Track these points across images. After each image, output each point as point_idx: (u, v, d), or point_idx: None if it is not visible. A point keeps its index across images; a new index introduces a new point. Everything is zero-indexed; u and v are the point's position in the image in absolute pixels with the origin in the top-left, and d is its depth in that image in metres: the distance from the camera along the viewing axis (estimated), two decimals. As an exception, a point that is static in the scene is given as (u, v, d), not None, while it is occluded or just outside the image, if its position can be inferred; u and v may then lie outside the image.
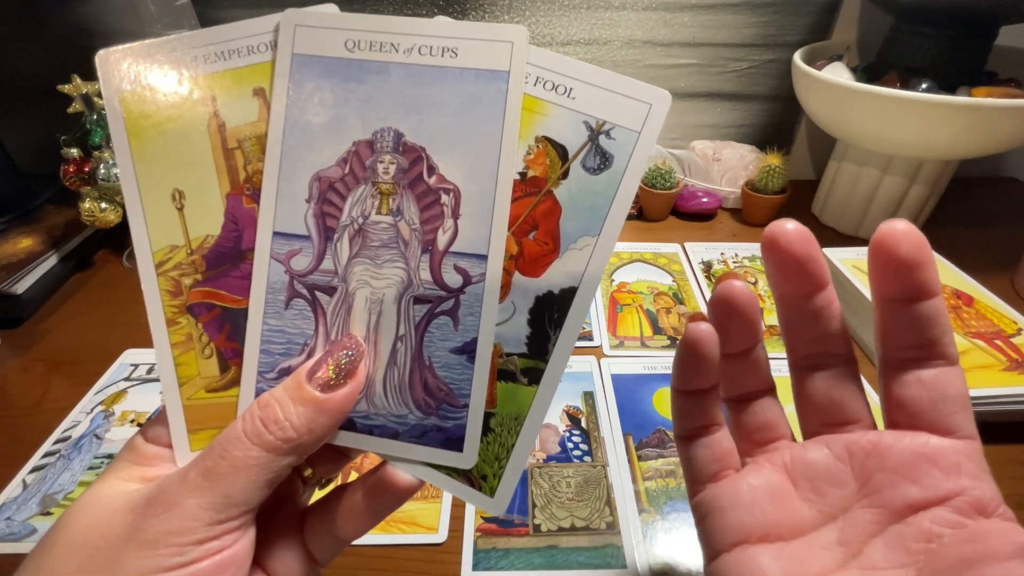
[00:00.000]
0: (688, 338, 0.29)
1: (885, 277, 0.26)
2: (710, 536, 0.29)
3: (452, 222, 0.30)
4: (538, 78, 0.29)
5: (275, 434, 0.27)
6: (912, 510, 0.26)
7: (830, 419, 0.29)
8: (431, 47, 0.29)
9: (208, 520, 0.26)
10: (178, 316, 0.30)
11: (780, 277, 0.28)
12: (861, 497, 0.27)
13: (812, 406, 0.30)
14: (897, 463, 0.26)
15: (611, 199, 0.29)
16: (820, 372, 0.30)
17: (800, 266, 0.27)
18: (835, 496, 0.28)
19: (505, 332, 0.30)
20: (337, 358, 0.29)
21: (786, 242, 0.27)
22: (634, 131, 0.29)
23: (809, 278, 0.28)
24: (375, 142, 0.29)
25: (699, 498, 0.31)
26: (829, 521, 0.27)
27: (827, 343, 0.29)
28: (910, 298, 0.26)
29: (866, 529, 0.26)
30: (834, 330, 0.29)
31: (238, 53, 0.29)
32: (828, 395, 0.29)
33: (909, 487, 0.26)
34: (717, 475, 0.30)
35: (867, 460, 0.27)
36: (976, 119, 0.79)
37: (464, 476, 0.31)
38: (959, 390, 0.26)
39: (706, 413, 0.31)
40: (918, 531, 0.25)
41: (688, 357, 0.29)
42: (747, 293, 0.29)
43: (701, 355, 0.28)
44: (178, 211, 0.30)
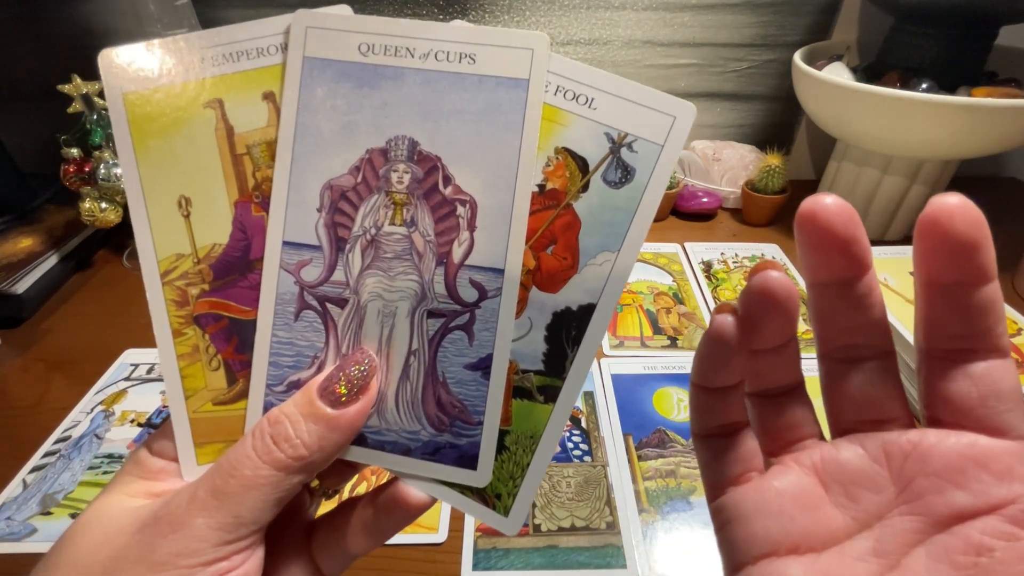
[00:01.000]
0: (714, 332, 0.25)
1: (935, 259, 0.23)
2: (733, 546, 0.27)
3: (468, 234, 0.29)
4: (558, 87, 0.28)
5: (286, 452, 0.26)
6: (958, 519, 0.23)
7: (865, 416, 0.26)
8: (448, 53, 0.28)
9: (217, 541, 0.25)
10: (184, 327, 0.30)
11: (817, 261, 0.25)
12: (900, 503, 0.24)
13: (845, 402, 0.27)
14: (942, 466, 0.24)
15: (632, 214, 0.28)
16: (856, 365, 0.26)
17: (842, 248, 0.24)
18: (870, 501, 0.25)
19: (521, 348, 0.30)
20: (349, 373, 0.28)
21: (826, 219, 0.23)
22: (657, 144, 0.28)
23: (851, 261, 0.24)
24: (389, 150, 0.29)
25: (720, 503, 0.28)
26: (863, 529, 0.25)
27: (866, 333, 0.26)
28: (964, 283, 0.23)
29: (905, 539, 0.24)
30: (875, 319, 0.25)
31: (247, 55, 0.28)
32: (864, 390, 0.26)
33: (955, 493, 0.23)
34: (740, 477, 0.28)
35: (907, 462, 0.24)
36: (976, 119, 0.79)
37: (477, 494, 0.31)
38: (1012, 385, 0.23)
39: (729, 411, 0.28)
40: (966, 543, 0.22)
41: (712, 352, 0.26)
42: (786, 284, 0.25)
43: (727, 351, 0.25)
44: (184, 218, 0.29)
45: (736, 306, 0.25)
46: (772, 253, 1.00)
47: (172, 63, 0.28)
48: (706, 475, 0.29)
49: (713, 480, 0.29)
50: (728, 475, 0.28)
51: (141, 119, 0.28)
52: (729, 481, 0.28)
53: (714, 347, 0.26)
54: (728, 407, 0.28)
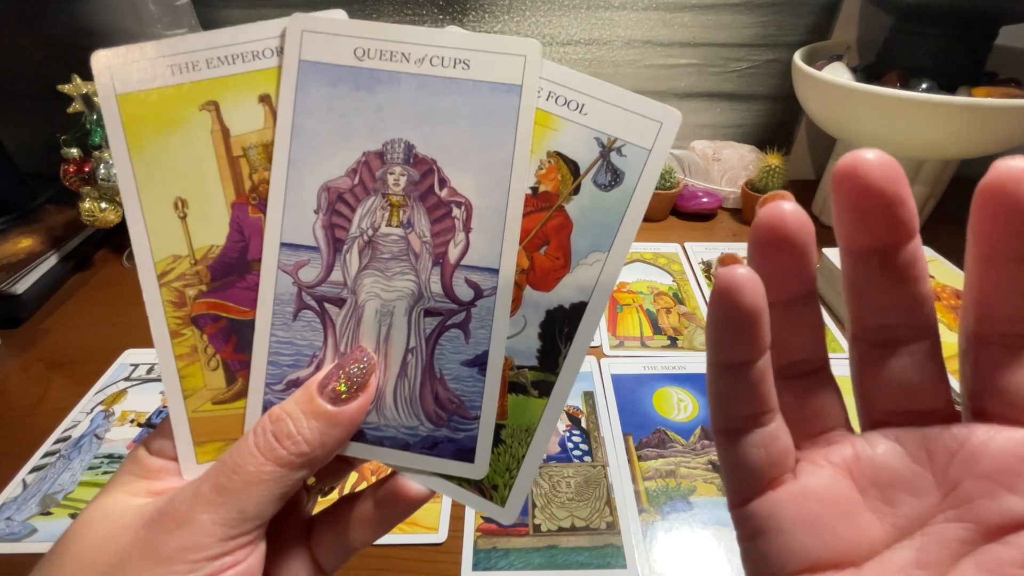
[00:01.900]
0: (724, 286, 0.21)
1: (1000, 230, 0.20)
2: (763, 560, 0.23)
3: (464, 235, 0.29)
4: (550, 93, 0.28)
5: (288, 449, 0.27)
6: (1013, 527, 0.20)
7: (902, 407, 0.23)
8: (443, 58, 0.28)
9: (222, 536, 0.26)
10: (182, 328, 0.30)
11: (856, 224, 0.21)
12: (945, 508, 0.22)
13: (880, 390, 0.24)
14: (994, 467, 0.21)
15: (621, 216, 0.29)
16: (894, 348, 0.23)
17: (885, 209, 0.20)
18: (911, 507, 0.22)
19: (516, 345, 0.30)
20: (348, 371, 0.29)
21: (867, 175, 0.20)
22: (645, 149, 0.28)
23: (895, 226, 0.21)
24: (385, 153, 0.29)
25: (749, 510, 0.24)
26: (904, 537, 0.22)
27: (907, 312, 0.22)
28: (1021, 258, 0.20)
29: (952, 548, 0.21)
30: (919, 295, 0.22)
31: (242, 58, 0.29)
32: (903, 377, 0.23)
33: (1009, 498, 0.20)
34: (772, 482, 0.24)
35: (953, 462, 0.22)
36: (976, 119, 0.79)
37: (475, 486, 0.31)
38: None
39: (756, 394, 0.23)
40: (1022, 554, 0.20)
41: (726, 312, 0.21)
42: (800, 215, 0.21)
43: (744, 307, 0.21)
44: (181, 220, 0.29)
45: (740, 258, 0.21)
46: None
47: (167, 65, 0.28)
48: (731, 478, 0.25)
49: (740, 484, 0.24)
50: (759, 479, 0.24)
51: (136, 121, 0.29)
52: (760, 486, 0.24)
53: (727, 307, 0.21)
54: (755, 389, 0.23)
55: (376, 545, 0.56)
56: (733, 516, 0.25)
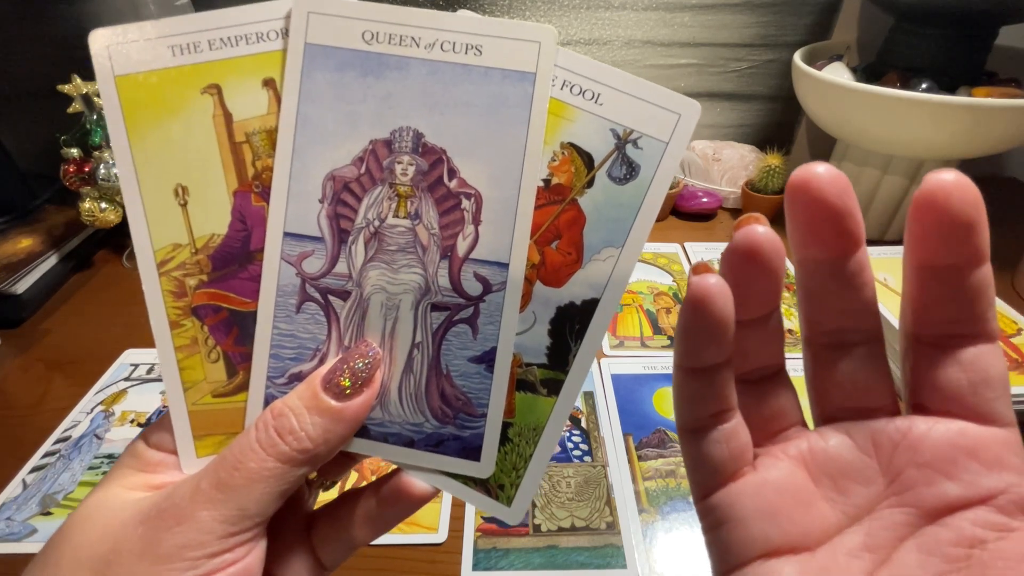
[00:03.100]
0: (695, 296, 0.22)
1: (931, 240, 0.21)
2: (726, 548, 0.25)
3: (473, 228, 0.29)
4: (565, 81, 0.28)
5: (291, 445, 0.26)
6: (949, 510, 0.22)
7: (852, 403, 0.25)
8: (454, 43, 0.27)
9: (222, 533, 0.25)
10: (182, 318, 0.29)
11: (807, 235, 0.23)
12: (889, 495, 0.23)
13: (832, 389, 0.25)
14: (932, 456, 0.23)
15: (636, 210, 0.28)
16: (843, 350, 0.25)
17: (834, 221, 0.22)
18: (860, 494, 0.24)
19: (525, 342, 0.30)
20: (353, 365, 0.28)
21: (818, 189, 0.21)
22: (662, 141, 0.28)
23: (843, 236, 0.22)
24: (393, 141, 0.28)
25: (711, 502, 0.26)
26: (853, 523, 0.24)
27: (855, 316, 0.24)
28: (958, 266, 0.21)
29: (896, 532, 0.23)
30: (865, 301, 0.24)
31: (246, 40, 0.28)
32: (852, 376, 0.25)
33: (946, 484, 0.22)
34: (732, 475, 0.25)
35: (896, 452, 0.23)
36: (976, 119, 0.79)
37: (481, 485, 0.31)
38: (1000, 372, 0.23)
39: (719, 395, 0.25)
40: (957, 535, 0.22)
41: (696, 321, 0.23)
42: (773, 239, 0.23)
43: (713, 317, 0.22)
44: (181, 207, 0.28)
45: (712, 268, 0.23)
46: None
47: (167, 46, 0.27)
48: (695, 472, 0.26)
49: (703, 478, 0.26)
50: (721, 473, 0.25)
51: (135, 104, 0.28)
52: (722, 479, 0.25)
53: (698, 314, 0.22)
54: (719, 391, 0.25)
55: (376, 545, 0.56)
56: (698, 509, 0.27)
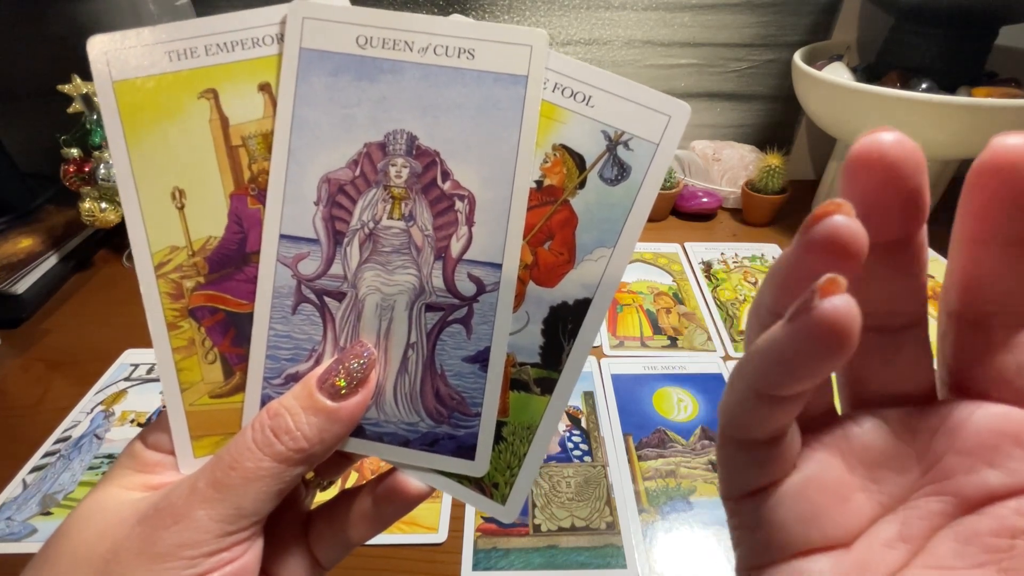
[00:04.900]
0: (826, 321, 0.16)
1: (991, 211, 0.19)
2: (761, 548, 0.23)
3: (466, 229, 0.29)
4: (556, 84, 0.28)
5: (286, 444, 0.26)
6: (990, 499, 0.20)
7: (889, 390, 0.23)
8: (447, 47, 0.28)
9: (218, 532, 0.25)
10: (179, 320, 0.30)
11: (868, 217, 0.18)
12: (926, 484, 0.22)
13: (869, 375, 0.23)
14: (973, 442, 0.21)
15: (627, 211, 0.29)
16: (887, 334, 0.22)
17: (904, 201, 0.19)
18: (894, 483, 0.22)
19: (519, 342, 0.30)
20: (348, 366, 0.28)
21: (892, 166, 0.18)
22: (652, 143, 0.28)
23: (911, 218, 0.19)
24: (387, 144, 0.29)
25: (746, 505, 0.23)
26: (887, 512, 0.22)
27: (905, 299, 0.22)
28: (1019, 239, 0.19)
29: (932, 522, 0.21)
30: (919, 283, 0.22)
31: (242, 45, 0.28)
32: (894, 361, 0.23)
33: (987, 471, 0.20)
34: (776, 482, 0.23)
35: (934, 439, 0.22)
36: (976, 119, 0.79)
37: (475, 484, 0.31)
38: None
39: (792, 413, 0.21)
40: (999, 524, 0.20)
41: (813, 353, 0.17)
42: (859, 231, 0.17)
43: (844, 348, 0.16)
44: (178, 210, 0.29)
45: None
46: (772, 254, 1.00)
47: (165, 51, 0.28)
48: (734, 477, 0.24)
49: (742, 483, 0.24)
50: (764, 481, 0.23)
51: (132, 108, 0.28)
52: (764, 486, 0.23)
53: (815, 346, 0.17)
54: (793, 411, 0.21)
55: (376, 545, 0.56)
56: (727, 507, 0.24)
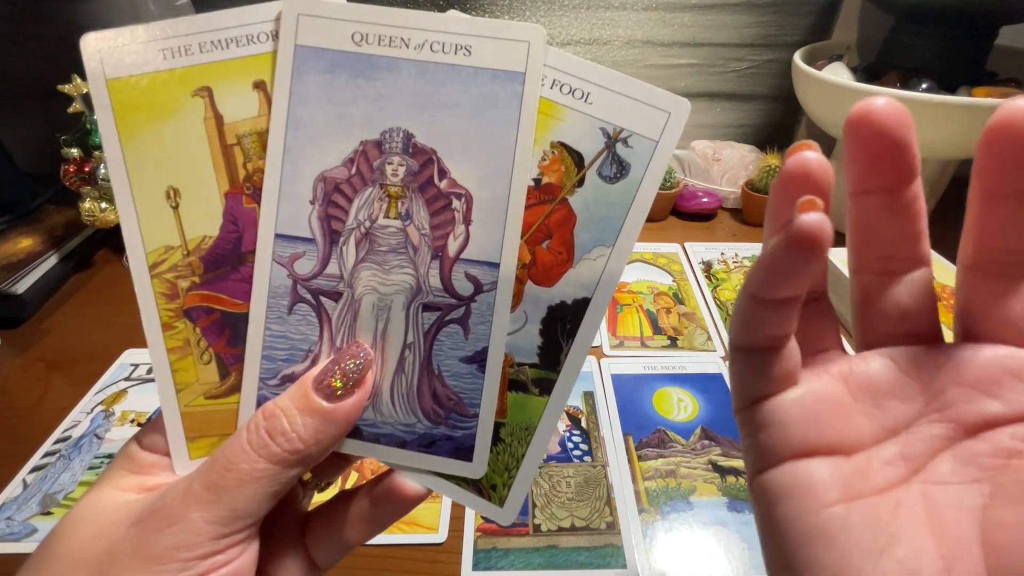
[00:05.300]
0: (803, 231, 0.20)
1: (1001, 168, 0.22)
2: (763, 450, 0.25)
3: (464, 228, 0.29)
4: (555, 81, 0.28)
5: (282, 446, 0.26)
6: (988, 426, 0.23)
7: (897, 329, 0.25)
8: (444, 44, 0.27)
9: (213, 534, 0.25)
10: (174, 320, 0.29)
11: (867, 166, 0.23)
12: (929, 412, 0.24)
13: (878, 316, 0.26)
14: (976, 377, 0.23)
15: (627, 209, 0.28)
16: (892, 277, 0.25)
17: (895, 150, 0.22)
18: (898, 410, 0.24)
19: (516, 342, 0.30)
20: (344, 366, 0.28)
21: (879, 121, 0.22)
22: (652, 140, 0.28)
23: (903, 168, 0.23)
24: (383, 142, 0.28)
25: (755, 411, 0.26)
26: (890, 436, 0.24)
27: (906, 245, 0.25)
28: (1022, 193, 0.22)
29: (932, 444, 0.23)
30: (918, 230, 0.24)
31: (236, 42, 0.28)
32: (899, 303, 0.25)
33: (988, 402, 0.23)
34: (778, 391, 0.25)
35: (939, 373, 0.24)
36: (976, 119, 0.78)
37: (473, 485, 0.31)
38: None
39: (784, 322, 0.24)
40: (995, 447, 0.22)
41: (794, 259, 0.21)
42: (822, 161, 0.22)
43: (817, 255, 0.20)
44: (173, 210, 0.28)
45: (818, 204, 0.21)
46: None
47: (158, 49, 0.28)
48: (742, 386, 0.27)
49: (749, 391, 0.26)
50: (767, 388, 0.26)
51: (126, 107, 0.28)
52: (767, 394, 0.26)
53: (802, 251, 0.20)
54: (784, 318, 0.24)
55: (376, 545, 0.56)
56: (738, 418, 0.27)
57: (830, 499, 0.23)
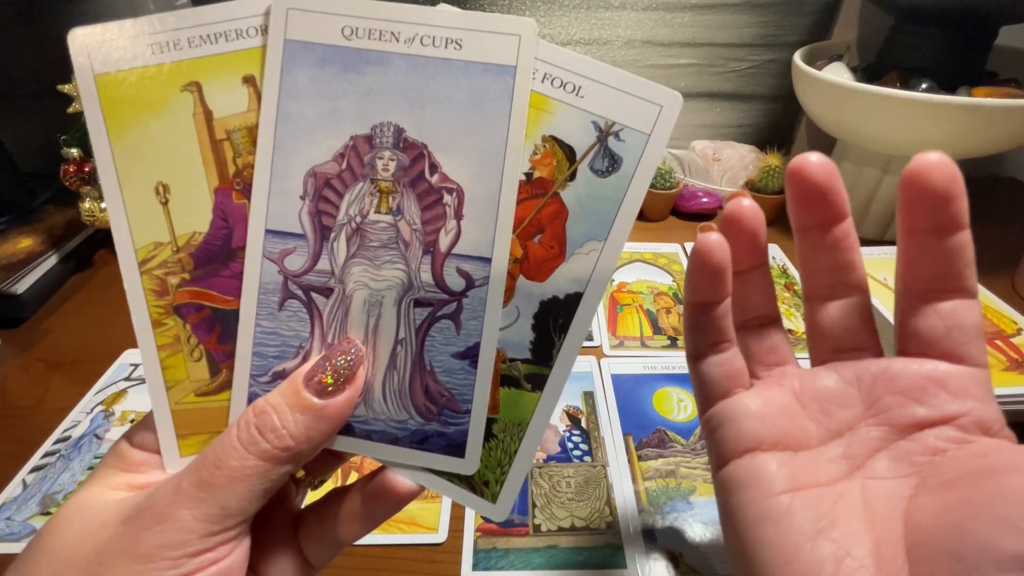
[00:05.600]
0: (699, 247, 0.29)
1: (916, 209, 0.26)
2: (721, 445, 0.30)
3: (455, 223, 0.29)
4: (546, 74, 0.27)
5: (272, 443, 0.26)
6: (918, 427, 0.27)
7: (840, 345, 0.30)
8: (434, 38, 0.27)
9: (203, 532, 0.25)
10: (164, 317, 0.29)
11: (802, 206, 0.29)
12: (867, 416, 0.28)
13: (824, 334, 0.31)
14: (907, 386, 0.27)
15: (619, 203, 0.28)
16: (834, 301, 0.31)
17: (822, 196, 0.28)
18: (842, 416, 0.29)
19: (509, 337, 0.30)
20: (335, 363, 0.28)
21: (810, 172, 0.28)
22: (644, 133, 0.28)
23: (830, 208, 0.29)
24: (374, 137, 0.28)
25: (711, 412, 0.31)
26: (835, 438, 0.28)
27: (843, 273, 0.30)
28: (938, 231, 0.26)
29: (871, 445, 0.27)
30: (851, 260, 0.30)
31: (225, 37, 0.27)
32: (840, 323, 0.30)
33: (916, 407, 0.27)
34: (729, 392, 0.31)
35: (876, 384, 0.28)
36: (976, 119, 0.78)
37: (466, 482, 0.31)
38: (974, 321, 0.27)
39: (718, 328, 0.31)
40: (923, 446, 0.26)
41: (700, 266, 0.29)
42: (754, 210, 0.30)
43: (713, 263, 0.29)
44: (162, 206, 0.28)
45: (714, 227, 0.29)
46: (772, 253, 0.99)
47: (147, 44, 0.27)
48: (699, 392, 0.32)
49: (706, 395, 0.31)
50: (719, 390, 0.31)
51: (115, 102, 0.28)
52: (720, 395, 0.31)
53: (701, 260, 0.29)
54: (716, 323, 0.30)
55: (375, 545, 0.56)
56: (701, 422, 0.32)
57: (778, 489, 0.27)
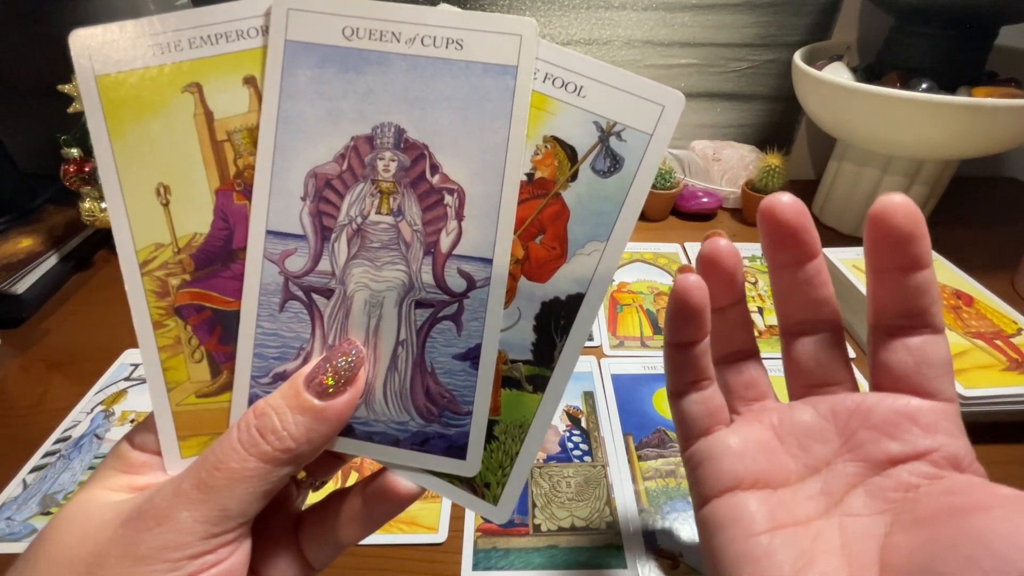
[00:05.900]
0: (678, 289, 0.29)
1: (881, 248, 0.27)
2: (702, 484, 0.30)
3: (456, 224, 0.28)
4: (547, 74, 0.27)
5: (273, 444, 0.26)
6: (891, 463, 0.27)
7: (816, 380, 0.31)
8: (435, 38, 0.27)
9: (203, 534, 0.25)
10: (165, 318, 0.29)
11: (775, 245, 0.30)
12: (843, 452, 0.29)
13: (800, 369, 0.32)
14: (879, 421, 0.28)
15: (620, 204, 0.28)
16: (808, 337, 0.31)
17: (793, 235, 0.29)
18: (819, 451, 0.29)
19: (510, 338, 0.29)
20: (336, 364, 0.28)
21: (781, 212, 0.29)
22: (646, 133, 0.27)
23: (801, 247, 0.29)
24: (375, 137, 0.28)
25: (693, 450, 0.32)
26: (813, 474, 0.29)
27: (816, 309, 0.31)
28: (903, 269, 0.27)
29: (847, 480, 0.28)
30: (823, 297, 0.30)
31: (226, 38, 0.27)
32: (815, 358, 0.31)
33: (889, 443, 0.28)
34: (709, 429, 0.31)
35: (851, 419, 0.29)
36: (976, 119, 0.78)
37: (467, 484, 0.31)
38: (943, 357, 0.28)
39: (697, 366, 0.31)
40: (896, 482, 0.27)
41: (679, 308, 0.30)
42: (730, 249, 0.31)
43: (692, 305, 0.29)
44: (163, 207, 0.28)
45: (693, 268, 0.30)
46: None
47: (148, 45, 0.27)
48: (681, 429, 0.33)
49: (686, 432, 0.32)
50: (700, 428, 0.32)
51: (116, 103, 0.28)
52: (700, 433, 0.32)
53: (680, 303, 0.30)
54: (696, 362, 0.31)
55: (376, 545, 0.56)
56: (683, 460, 0.33)
57: (758, 528, 0.27)
